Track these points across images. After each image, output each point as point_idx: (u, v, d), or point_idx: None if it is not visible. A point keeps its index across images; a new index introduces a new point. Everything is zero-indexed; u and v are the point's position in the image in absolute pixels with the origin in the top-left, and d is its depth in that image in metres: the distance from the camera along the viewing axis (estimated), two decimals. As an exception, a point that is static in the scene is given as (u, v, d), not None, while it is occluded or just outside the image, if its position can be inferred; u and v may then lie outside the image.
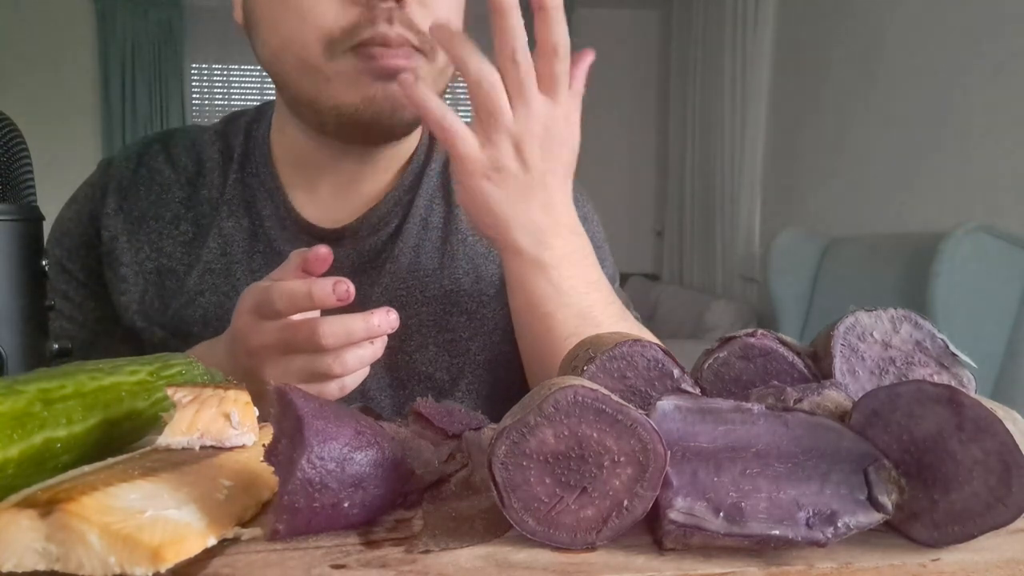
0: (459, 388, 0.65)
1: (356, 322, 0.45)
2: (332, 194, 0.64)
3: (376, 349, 0.48)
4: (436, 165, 0.68)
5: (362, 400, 0.64)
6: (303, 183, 0.64)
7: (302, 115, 0.60)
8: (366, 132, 0.58)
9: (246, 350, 0.48)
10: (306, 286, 0.44)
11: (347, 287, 0.45)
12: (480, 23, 0.51)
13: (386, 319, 0.46)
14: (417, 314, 0.63)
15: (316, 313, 0.48)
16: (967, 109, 1.96)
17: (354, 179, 0.64)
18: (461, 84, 0.50)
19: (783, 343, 0.34)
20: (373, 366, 0.62)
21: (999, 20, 1.85)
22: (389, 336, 0.62)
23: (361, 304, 0.64)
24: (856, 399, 0.28)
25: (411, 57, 0.54)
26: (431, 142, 0.69)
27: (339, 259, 0.63)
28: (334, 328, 0.45)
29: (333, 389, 0.48)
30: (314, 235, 0.63)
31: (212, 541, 0.25)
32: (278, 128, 0.66)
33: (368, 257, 0.64)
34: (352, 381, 0.49)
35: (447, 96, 0.63)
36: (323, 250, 0.48)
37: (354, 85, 0.54)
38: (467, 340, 0.64)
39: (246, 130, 0.68)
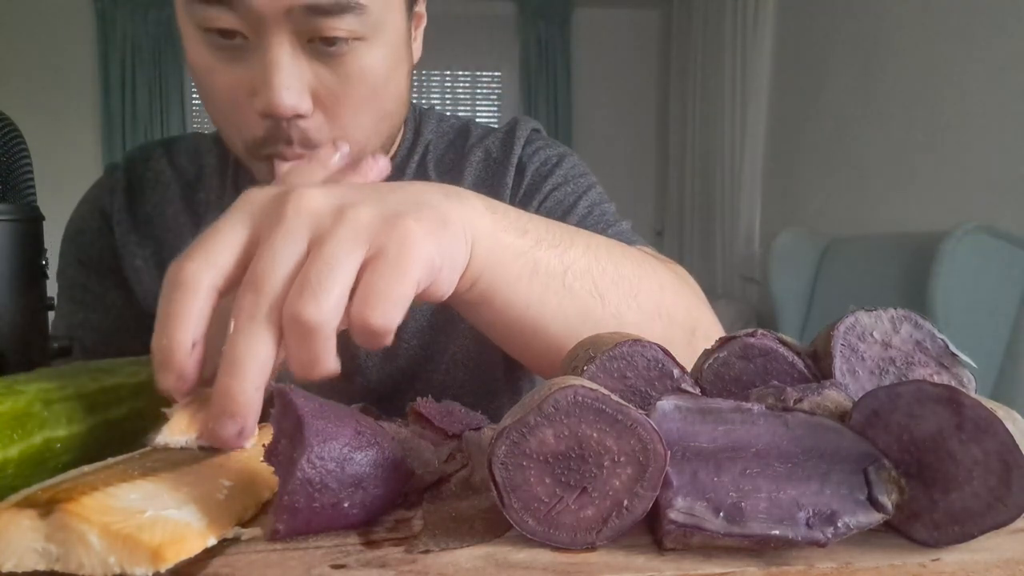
0: (445, 360, 0.66)
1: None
2: None
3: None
4: (417, 156, 0.69)
5: (360, 389, 0.65)
6: None
7: None
8: None
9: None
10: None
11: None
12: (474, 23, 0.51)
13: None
14: (411, 309, 0.64)
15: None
16: (967, 109, 1.96)
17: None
18: (462, 76, 0.49)
19: (783, 343, 0.34)
20: (372, 359, 0.63)
21: (999, 20, 1.85)
22: None
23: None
24: (856, 399, 0.28)
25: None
26: (415, 136, 0.70)
27: None
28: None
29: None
30: None
31: (212, 541, 0.25)
32: None
33: None
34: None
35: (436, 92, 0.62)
36: None
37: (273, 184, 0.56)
38: (465, 339, 0.66)
39: None
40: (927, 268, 1.69)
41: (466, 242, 0.37)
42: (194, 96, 3.95)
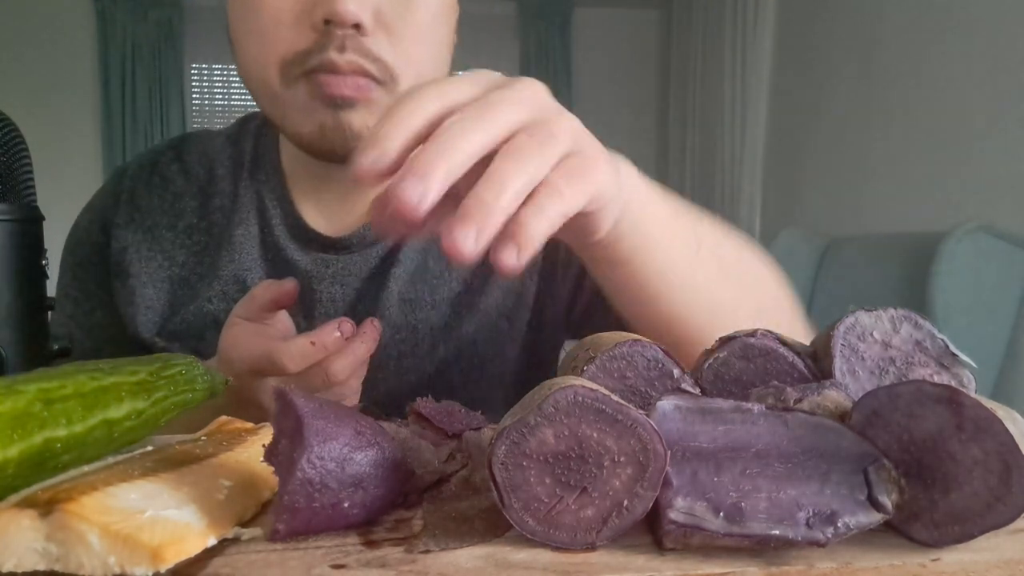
0: (469, 394, 0.64)
1: (360, 347, 0.47)
2: (338, 200, 0.64)
3: (368, 346, 0.49)
4: None
5: (373, 407, 0.63)
6: (309, 190, 0.64)
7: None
8: (331, 157, 0.57)
9: (252, 401, 0.50)
10: (313, 340, 0.45)
11: (350, 324, 0.47)
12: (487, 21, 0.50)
13: (375, 330, 0.48)
14: (427, 318, 0.63)
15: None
16: (967, 109, 1.96)
17: (357, 186, 0.64)
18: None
19: (783, 343, 0.34)
20: (384, 371, 0.62)
21: (999, 20, 1.85)
22: (399, 340, 0.63)
23: (372, 310, 0.63)
24: (856, 399, 0.28)
25: (364, 88, 0.52)
26: None
27: (347, 266, 0.63)
28: (346, 363, 0.46)
29: (345, 395, 0.49)
30: (322, 243, 0.63)
31: (212, 541, 0.25)
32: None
33: (376, 263, 0.64)
34: (358, 382, 0.50)
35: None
36: (290, 285, 0.49)
37: (307, 113, 0.53)
38: (478, 344, 0.64)
39: (256, 135, 0.68)
40: (927, 268, 1.69)
41: (623, 201, 0.38)
42: (194, 96, 3.95)
